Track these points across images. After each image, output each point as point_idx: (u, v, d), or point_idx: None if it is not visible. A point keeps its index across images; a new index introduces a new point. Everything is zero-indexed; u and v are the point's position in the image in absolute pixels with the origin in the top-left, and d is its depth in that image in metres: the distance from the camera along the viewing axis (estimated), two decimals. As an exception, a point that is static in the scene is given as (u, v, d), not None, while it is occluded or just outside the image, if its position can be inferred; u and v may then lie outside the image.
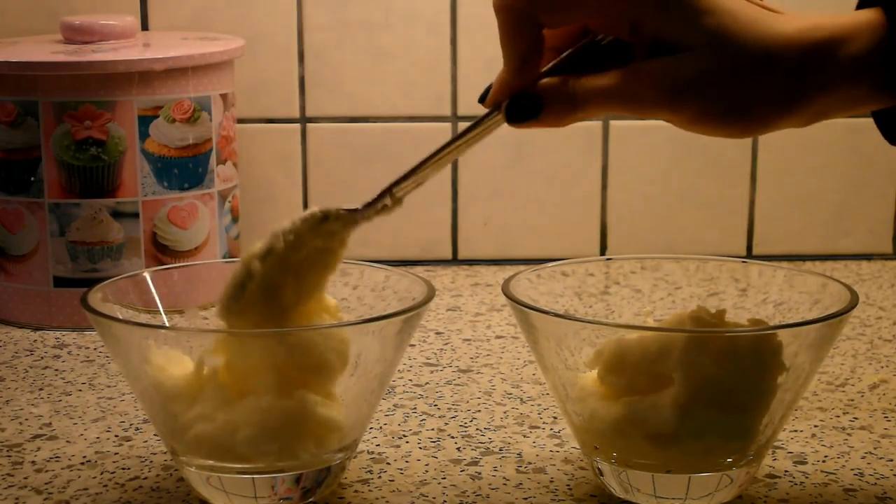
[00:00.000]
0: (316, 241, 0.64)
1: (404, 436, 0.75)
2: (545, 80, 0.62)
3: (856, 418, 0.78)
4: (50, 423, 0.77)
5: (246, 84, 1.11)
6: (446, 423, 0.77)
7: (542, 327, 0.65)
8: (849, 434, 0.75)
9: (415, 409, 0.80)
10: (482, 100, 0.64)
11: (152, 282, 0.70)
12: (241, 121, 1.12)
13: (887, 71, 0.59)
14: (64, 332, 0.95)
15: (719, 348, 0.62)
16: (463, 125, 1.14)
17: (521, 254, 1.17)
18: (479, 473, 0.70)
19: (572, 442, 0.73)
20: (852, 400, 0.81)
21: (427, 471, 0.70)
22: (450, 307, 1.02)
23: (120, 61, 0.93)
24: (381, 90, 1.14)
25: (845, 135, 1.15)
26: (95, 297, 0.66)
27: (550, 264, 0.72)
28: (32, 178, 0.95)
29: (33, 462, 0.71)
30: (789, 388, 0.63)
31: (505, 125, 0.64)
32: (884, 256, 1.18)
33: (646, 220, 1.16)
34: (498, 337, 0.94)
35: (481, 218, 1.16)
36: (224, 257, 1.03)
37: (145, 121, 0.95)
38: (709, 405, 0.62)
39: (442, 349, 0.91)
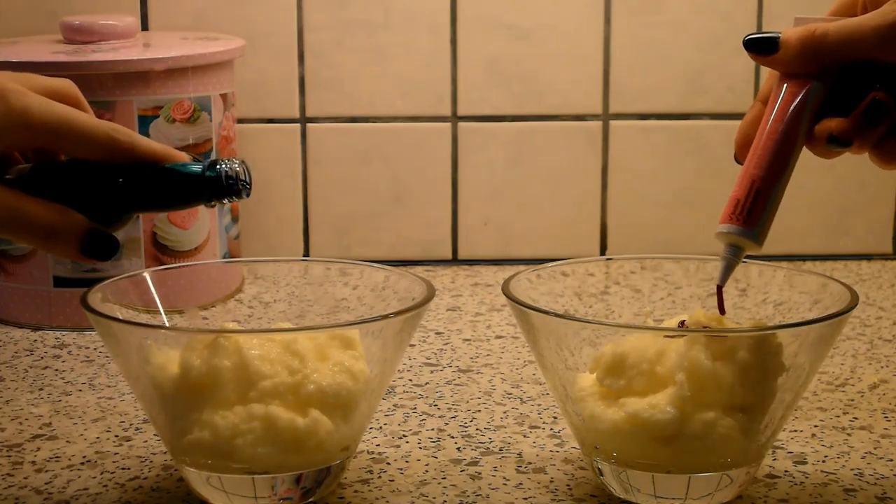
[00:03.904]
0: None
1: (404, 436, 0.75)
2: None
3: (856, 418, 0.78)
4: (50, 423, 0.77)
5: (246, 84, 1.11)
6: (446, 423, 0.77)
7: (542, 327, 0.65)
8: (849, 434, 0.75)
9: (415, 409, 0.80)
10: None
11: (152, 282, 0.70)
12: (241, 121, 1.12)
13: None
14: (64, 332, 0.95)
15: (719, 348, 0.62)
16: (463, 125, 1.15)
17: (521, 254, 1.17)
18: (479, 473, 0.70)
19: (572, 442, 0.73)
20: (852, 400, 0.81)
21: (427, 471, 0.70)
22: (450, 307, 1.02)
23: (120, 61, 0.93)
24: (381, 90, 1.14)
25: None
26: (95, 297, 0.66)
27: (550, 264, 0.72)
28: (32, 178, 0.95)
29: (33, 462, 0.71)
30: (789, 388, 0.63)
31: None
32: (884, 256, 1.18)
33: (646, 220, 1.16)
34: (498, 337, 0.94)
35: (481, 218, 1.16)
36: (224, 257, 1.03)
37: (145, 121, 0.95)
38: (709, 405, 0.62)
39: (442, 349, 0.91)
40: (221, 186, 0.62)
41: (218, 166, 0.62)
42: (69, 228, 0.60)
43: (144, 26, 1.12)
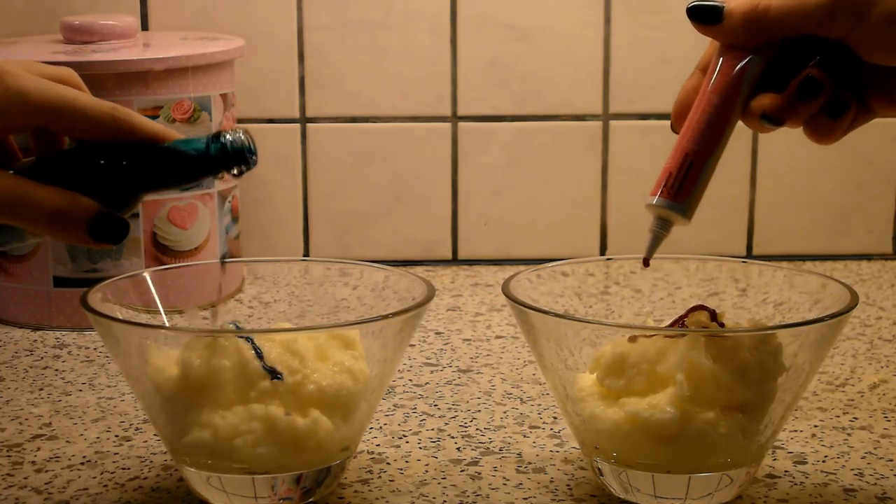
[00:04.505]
0: None
1: (404, 436, 0.75)
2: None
3: (856, 418, 0.78)
4: (50, 423, 0.77)
5: (246, 84, 1.11)
6: (446, 423, 0.77)
7: (542, 327, 0.65)
8: (849, 434, 0.75)
9: (415, 409, 0.80)
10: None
11: (152, 282, 0.70)
12: (241, 121, 1.12)
13: None
14: (64, 332, 0.95)
15: (719, 349, 0.62)
16: (463, 125, 1.15)
17: (521, 254, 1.17)
18: (479, 473, 0.70)
19: (572, 442, 0.73)
20: (852, 400, 0.81)
21: (427, 471, 0.70)
22: (450, 307, 1.02)
23: (120, 61, 0.93)
24: (381, 90, 1.14)
25: (846, 135, 1.15)
26: (95, 297, 0.65)
27: (550, 264, 0.72)
28: (32, 178, 0.95)
29: (33, 462, 0.71)
30: (789, 388, 0.63)
31: None
32: (884, 256, 1.18)
33: (646, 220, 1.16)
34: (498, 337, 0.94)
35: (481, 218, 1.16)
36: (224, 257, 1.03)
37: (145, 121, 0.95)
38: (709, 405, 0.62)
39: (442, 349, 0.91)
40: (228, 157, 0.61)
41: (222, 138, 0.61)
42: (77, 212, 0.60)
43: (144, 26, 1.12)
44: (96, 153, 0.61)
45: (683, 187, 0.62)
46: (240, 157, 0.61)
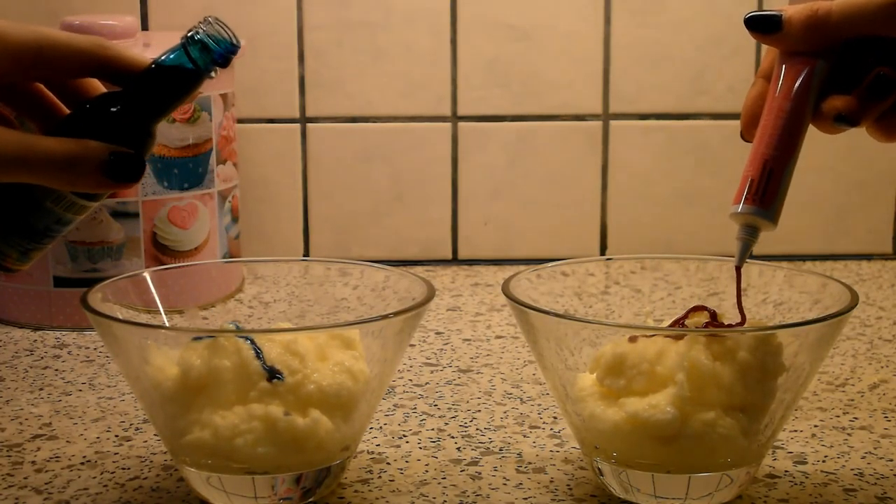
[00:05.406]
0: None
1: (404, 436, 0.75)
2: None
3: (856, 418, 0.78)
4: (50, 423, 0.77)
5: (246, 84, 1.11)
6: (446, 423, 0.77)
7: (542, 327, 0.65)
8: (849, 434, 0.75)
9: (415, 409, 0.80)
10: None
11: (152, 282, 0.70)
12: (241, 121, 1.12)
13: None
14: (64, 332, 0.95)
15: (719, 348, 0.62)
16: (463, 125, 1.15)
17: (521, 254, 1.17)
18: (479, 473, 0.70)
19: (572, 442, 0.73)
20: (852, 400, 0.81)
21: (427, 471, 0.70)
22: (450, 307, 1.02)
23: (120, 61, 0.93)
24: (381, 90, 1.14)
25: (845, 135, 1.15)
26: (95, 297, 0.65)
27: (550, 264, 0.72)
28: (32, 178, 0.95)
29: (33, 462, 0.71)
30: (789, 388, 0.63)
31: None
32: (884, 256, 1.18)
33: (646, 220, 1.16)
34: (498, 337, 0.94)
35: (481, 218, 1.16)
36: (224, 257, 1.03)
37: (145, 121, 0.95)
38: (709, 405, 0.62)
39: (442, 349, 0.91)
40: (213, 55, 0.60)
41: (197, 36, 0.61)
42: (89, 154, 0.58)
43: (144, 26, 1.12)
44: (92, 103, 0.61)
45: (767, 193, 0.63)
46: (224, 48, 0.61)
